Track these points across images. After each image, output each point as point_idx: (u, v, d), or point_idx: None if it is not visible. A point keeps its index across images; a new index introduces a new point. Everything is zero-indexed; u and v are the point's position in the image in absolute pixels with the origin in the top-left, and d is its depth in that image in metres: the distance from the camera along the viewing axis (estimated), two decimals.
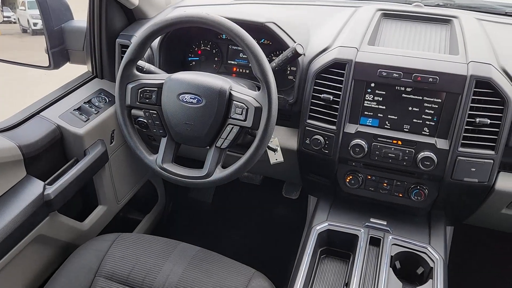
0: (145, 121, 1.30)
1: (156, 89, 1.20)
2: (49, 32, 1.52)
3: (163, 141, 1.24)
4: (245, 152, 1.17)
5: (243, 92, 1.15)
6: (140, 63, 1.32)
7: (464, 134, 1.16)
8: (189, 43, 1.57)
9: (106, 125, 1.53)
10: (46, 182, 1.31)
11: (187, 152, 1.51)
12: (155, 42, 1.45)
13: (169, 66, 1.49)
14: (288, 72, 1.45)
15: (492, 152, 1.17)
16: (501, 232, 1.69)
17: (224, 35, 1.51)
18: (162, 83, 1.19)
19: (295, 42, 1.30)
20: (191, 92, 1.15)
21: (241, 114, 1.13)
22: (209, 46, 1.55)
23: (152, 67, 1.36)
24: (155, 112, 1.22)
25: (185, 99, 1.15)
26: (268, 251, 2.15)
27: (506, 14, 1.58)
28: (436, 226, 1.37)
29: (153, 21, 1.44)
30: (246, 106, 1.13)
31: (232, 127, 1.15)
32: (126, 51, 1.21)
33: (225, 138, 1.16)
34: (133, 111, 1.30)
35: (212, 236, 2.23)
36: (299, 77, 1.34)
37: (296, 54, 1.25)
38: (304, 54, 1.33)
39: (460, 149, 1.17)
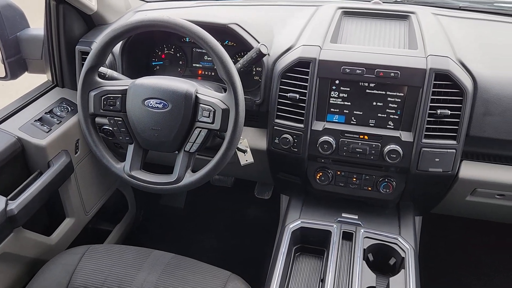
0: (110, 128, 1.27)
1: (120, 95, 1.18)
2: (4, 42, 1.47)
3: (130, 148, 1.22)
4: (214, 155, 1.16)
5: (209, 95, 1.15)
6: (102, 69, 1.29)
7: (426, 126, 1.20)
8: (152, 47, 1.54)
9: (70, 135, 1.48)
10: (9, 197, 1.26)
11: (155, 158, 1.49)
12: (117, 48, 1.42)
13: (132, 72, 1.46)
14: (254, 72, 1.46)
15: (454, 142, 1.21)
16: (467, 219, 1.75)
17: (187, 38, 1.50)
18: (126, 89, 1.17)
19: (259, 43, 1.31)
20: (157, 97, 1.13)
21: (209, 116, 1.13)
22: (173, 50, 1.53)
23: (114, 73, 1.34)
24: (120, 119, 1.19)
25: (151, 104, 1.13)
26: (244, 252, 2.15)
27: (460, 9, 1.64)
28: (405, 217, 1.40)
29: (113, 26, 1.41)
30: (213, 108, 1.12)
31: (200, 131, 1.14)
32: (86, 58, 1.18)
33: (194, 142, 1.15)
34: (97, 119, 1.26)
35: (186, 242, 2.21)
36: (264, 77, 1.34)
37: (260, 55, 1.25)
38: (268, 54, 1.34)
39: (424, 140, 1.21)
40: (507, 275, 2.02)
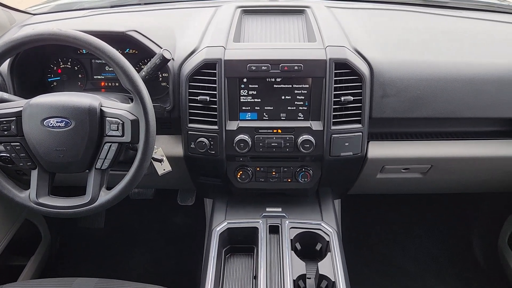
0: (8, 155, 1.15)
1: (14, 118, 1.07)
2: None
3: (34, 173, 1.12)
4: (129, 168, 1.11)
5: (115, 107, 1.09)
6: None
7: (333, 114, 1.26)
8: (46, 62, 1.43)
9: None
10: None
11: (65, 180, 1.39)
12: (4, 66, 1.29)
13: (26, 91, 1.34)
14: (160, 79, 1.42)
15: (360, 126, 1.29)
16: (381, 195, 1.88)
17: (84, 50, 1.41)
18: (21, 110, 1.07)
19: (161, 48, 1.27)
20: (57, 115, 1.06)
21: (117, 129, 1.07)
22: (69, 63, 1.44)
23: (5, 95, 1.21)
24: (17, 144, 1.09)
25: (51, 124, 1.05)
26: (175, 262, 2.10)
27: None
28: (325, 202, 1.47)
29: None
30: (121, 120, 1.07)
31: (110, 145, 1.09)
32: None
33: (105, 158, 1.09)
34: None
35: (111, 263, 2.10)
36: (172, 82, 1.31)
37: (164, 60, 1.22)
38: (173, 59, 1.31)
39: (333, 127, 1.27)
40: (420, 243, 2.21)
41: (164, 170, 1.34)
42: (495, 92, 1.33)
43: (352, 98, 1.25)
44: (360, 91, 1.26)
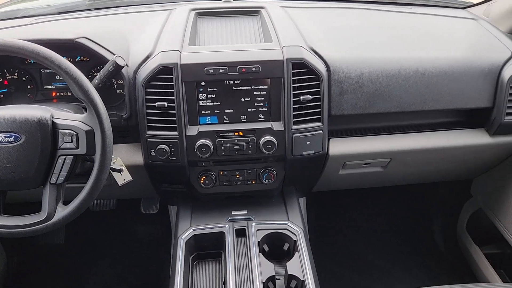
0: None
1: None
2: None
3: None
4: (87, 180, 1.07)
5: (68, 118, 1.05)
6: None
7: (293, 113, 1.26)
8: None
9: None
10: None
11: (18, 197, 1.32)
12: None
13: None
14: (115, 86, 1.37)
15: (320, 124, 1.30)
16: (344, 190, 1.91)
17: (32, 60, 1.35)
18: None
19: (114, 54, 1.23)
20: (5, 130, 1.00)
21: (72, 141, 1.03)
22: (16, 74, 1.37)
23: None
24: None
25: None
26: (141, 274, 2.04)
27: None
28: (290, 201, 1.47)
29: None
30: (75, 132, 1.03)
31: (65, 158, 1.04)
32: None
33: (60, 172, 1.05)
34: None
35: (75, 278, 2.02)
36: (127, 89, 1.27)
37: (117, 67, 1.18)
38: (127, 65, 1.27)
39: (293, 127, 1.27)
40: (385, 236, 2.26)
41: (124, 180, 1.30)
42: (446, 85, 1.38)
43: (310, 97, 1.26)
44: (318, 89, 1.27)
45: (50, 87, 1.39)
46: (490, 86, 1.41)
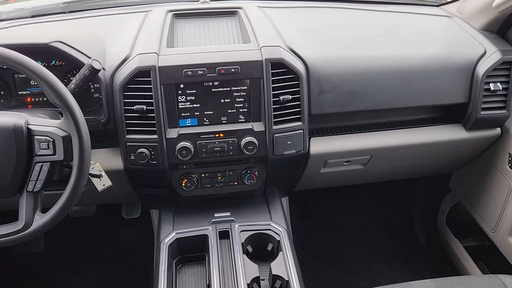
0: None
1: None
2: None
3: None
4: (65, 187, 1.05)
5: (43, 124, 1.03)
6: None
7: (273, 113, 1.26)
8: None
9: None
10: None
11: None
12: None
13: None
14: (93, 90, 1.35)
15: (300, 123, 1.30)
16: (326, 188, 1.92)
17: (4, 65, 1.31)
18: None
19: (90, 58, 1.21)
20: None
21: (48, 148, 1.01)
22: None
23: None
24: None
25: None
26: (126, 279, 2.02)
27: None
28: (273, 201, 1.47)
29: None
30: (51, 138, 1.01)
31: (42, 165, 1.02)
32: None
33: (36, 180, 1.02)
34: None
35: (57, 287, 1.98)
36: (105, 93, 1.25)
37: (94, 71, 1.16)
38: (103, 68, 1.25)
39: (274, 127, 1.27)
40: (367, 232, 2.29)
41: (104, 185, 1.28)
42: (423, 81, 1.40)
43: (290, 97, 1.26)
44: (298, 89, 1.28)
45: (24, 92, 1.36)
46: (465, 82, 1.44)
